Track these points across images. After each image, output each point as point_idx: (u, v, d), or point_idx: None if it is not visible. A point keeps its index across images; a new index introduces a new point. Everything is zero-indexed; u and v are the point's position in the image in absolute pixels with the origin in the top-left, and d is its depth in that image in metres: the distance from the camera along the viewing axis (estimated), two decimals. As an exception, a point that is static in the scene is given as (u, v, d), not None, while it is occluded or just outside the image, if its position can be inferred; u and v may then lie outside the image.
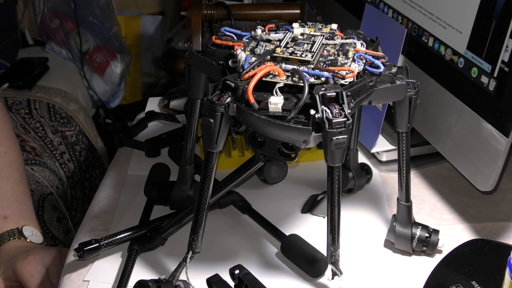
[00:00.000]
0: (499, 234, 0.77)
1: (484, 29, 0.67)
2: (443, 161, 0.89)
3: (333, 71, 0.57)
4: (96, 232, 0.78)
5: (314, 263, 0.68)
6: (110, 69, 2.02)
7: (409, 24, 0.81)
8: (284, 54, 0.60)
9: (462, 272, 0.67)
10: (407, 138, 0.67)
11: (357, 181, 0.82)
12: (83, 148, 1.66)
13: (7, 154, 0.98)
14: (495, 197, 0.84)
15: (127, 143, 0.97)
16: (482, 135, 0.69)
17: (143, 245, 0.73)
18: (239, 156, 0.90)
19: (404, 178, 0.69)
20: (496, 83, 0.66)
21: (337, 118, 0.54)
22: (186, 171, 0.77)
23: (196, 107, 0.71)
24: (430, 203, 0.83)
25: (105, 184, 0.89)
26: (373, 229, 0.78)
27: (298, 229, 0.76)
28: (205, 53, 0.66)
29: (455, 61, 0.73)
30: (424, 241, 0.71)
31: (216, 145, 0.60)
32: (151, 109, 1.07)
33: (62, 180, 1.46)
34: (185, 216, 0.72)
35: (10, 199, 0.94)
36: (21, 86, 1.71)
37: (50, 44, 1.96)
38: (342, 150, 0.55)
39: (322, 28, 0.67)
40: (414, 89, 0.64)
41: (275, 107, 0.55)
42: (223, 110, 0.57)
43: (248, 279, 0.61)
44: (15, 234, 0.90)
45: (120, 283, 0.67)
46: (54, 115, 1.64)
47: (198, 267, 0.69)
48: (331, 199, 0.59)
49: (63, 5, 1.96)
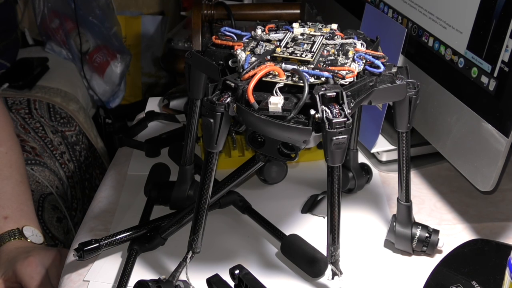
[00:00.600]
0: (499, 234, 0.77)
1: (484, 29, 0.67)
2: (443, 161, 0.89)
3: (333, 71, 0.57)
4: (96, 232, 0.78)
5: (314, 263, 0.68)
6: (110, 69, 2.02)
7: (409, 24, 0.81)
8: (284, 54, 0.60)
9: (462, 272, 0.67)
10: (407, 138, 0.67)
11: (357, 181, 0.82)
12: (83, 148, 1.66)
13: (8, 155, 0.98)
14: (495, 197, 0.84)
15: (127, 143, 0.97)
16: (482, 135, 0.69)
17: (143, 245, 0.73)
18: (239, 156, 0.90)
19: (404, 178, 0.69)
20: (496, 83, 0.66)
21: (337, 118, 0.54)
22: (186, 171, 0.77)
23: (196, 107, 0.71)
24: (430, 203, 0.83)
25: (105, 184, 0.89)
26: (373, 229, 0.78)
27: (298, 229, 0.76)
28: (205, 53, 0.66)
29: (455, 61, 0.73)
30: (424, 241, 0.71)
31: (216, 145, 0.60)
32: (151, 109, 1.07)
33: (62, 180, 1.46)
34: (185, 216, 0.72)
35: (10, 199, 0.94)
36: (21, 86, 1.71)
37: (50, 44, 1.96)
38: (342, 150, 0.55)
39: (322, 28, 0.67)
40: (414, 89, 0.64)
41: (275, 107, 0.55)
42: (223, 110, 0.57)
43: (248, 279, 0.61)
44: (16, 234, 0.90)
45: (120, 283, 0.67)
46: (54, 115, 1.64)
47: (198, 267, 0.69)
48: (331, 199, 0.59)
49: (63, 5, 1.96)
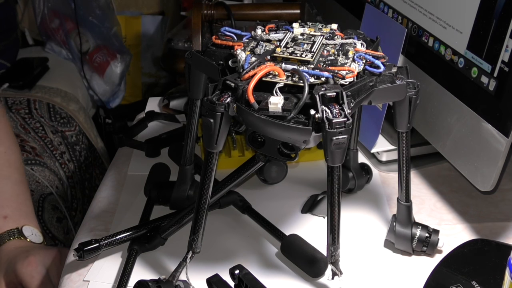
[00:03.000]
0: (499, 234, 0.77)
1: (484, 29, 0.67)
2: (443, 161, 0.89)
3: (333, 71, 0.57)
4: (96, 232, 0.78)
5: (314, 263, 0.68)
6: (110, 69, 2.02)
7: (409, 24, 0.81)
8: (284, 54, 0.60)
9: (462, 272, 0.67)
10: (407, 138, 0.67)
11: (357, 181, 0.82)
12: (83, 148, 1.66)
13: (6, 154, 0.98)
14: (495, 197, 0.84)
15: (127, 143, 0.97)
16: (482, 135, 0.69)
17: (143, 245, 0.73)
18: (239, 156, 0.90)
19: (404, 178, 0.69)
20: (496, 83, 0.66)
21: (337, 118, 0.54)
22: (186, 171, 0.77)
23: (196, 107, 0.71)
24: (430, 203, 0.83)
25: (105, 184, 0.89)
26: (373, 229, 0.78)
27: (298, 229, 0.76)
28: (205, 53, 0.66)
29: (455, 61, 0.73)
30: (424, 241, 0.71)
31: (216, 145, 0.60)
32: (151, 109, 1.07)
33: (62, 180, 1.46)
34: (185, 216, 0.72)
35: (9, 199, 0.94)
36: (21, 86, 1.70)
37: (50, 44, 1.96)
38: (342, 150, 0.55)
39: (322, 28, 0.67)
40: (414, 89, 0.64)
41: (275, 107, 0.55)
42: (223, 110, 0.57)
43: (248, 279, 0.61)
44: (15, 234, 0.90)
45: (120, 283, 0.67)
46: (54, 115, 1.64)
47: (198, 267, 0.69)
48: (331, 199, 0.59)
49: (63, 5, 1.96)
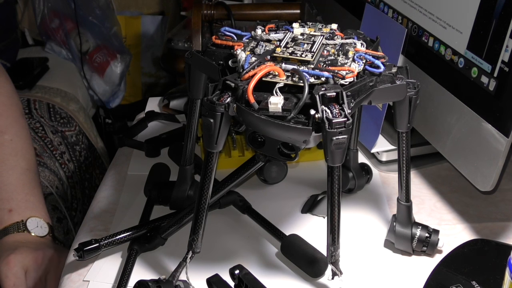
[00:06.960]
0: (499, 234, 0.77)
1: (484, 29, 0.67)
2: (443, 161, 0.89)
3: (333, 71, 0.57)
4: (96, 232, 0.78)
5: (314, 263, 0.68)
6: (110, 69, 2.02)
7: (409, 24, 0.81)
8: (284, 54, 0.60)
9: (462, 272, 0.67)
10: (407, 138, 0.67)
11: (357, 181, 0.82)
12: (83, 148, 1.66)
13: (13, 142, 0.95)
14: (495, 197, 0.84)
15: (127, 143, 0.97)
16: (482, 135, 0.69)
17: (143, 245, 0.73)
18: (239, 156, 0.90)
19: (404, 178, 0.69)
20: (496, 83, 0.66)
21: (337, 118, 0.54)
22: (186, 171, 0.77)
23: (196, 107, 0.71)
24: (430, 203, 0.83)
25: (105, 184, 0.89)
26: (373, 229, 0.78)
27: (298, 229, 0.76)
28: (205, 53, 0.66)
29: (455, 61, 0.73)
30: (424, 241, 0.71)
31: (216, 145, 0.60)
32: (151, 109, 1.07)
33: (62, 180, 1.46)
34: (185, 216, 0.72)
35: (15, 191, 0.92)
36: (21, 86, 1.70)
37: (50, 44, 1.96)
38: (342, 150, 0.55)
39: (322, 28, 0.67)
40: (414, 89, 0.64)
41: (275, 107, 0.55)
42: (223, 110, 0.57)
43: (248, 279, 0.61)
44: (20, 227, 0.89)
45: (120, 283, 0.67)
46: (54, 115, 1.64)
47: (198, 267, 0.69)
48: (331, 199, 0.59)
49: (63, 5, 1.96)
